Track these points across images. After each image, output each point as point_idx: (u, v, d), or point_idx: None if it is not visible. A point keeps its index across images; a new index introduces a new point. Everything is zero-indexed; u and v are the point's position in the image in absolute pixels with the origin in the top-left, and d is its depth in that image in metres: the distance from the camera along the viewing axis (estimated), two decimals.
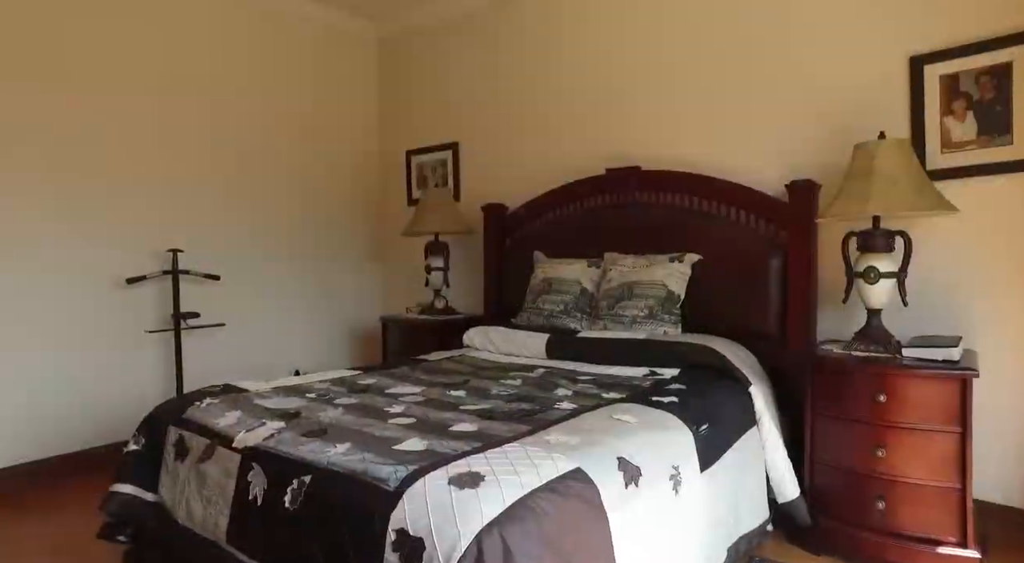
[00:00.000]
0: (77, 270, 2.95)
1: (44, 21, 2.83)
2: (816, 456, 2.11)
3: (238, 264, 3.56)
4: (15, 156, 2.76)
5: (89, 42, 2.97)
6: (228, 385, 2.10)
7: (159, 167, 3.23)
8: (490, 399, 1.91)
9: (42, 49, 2.83)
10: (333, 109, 4.04)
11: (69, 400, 2.94)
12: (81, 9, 2.95)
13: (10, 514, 2.54)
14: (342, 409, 1.79)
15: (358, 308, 4.23)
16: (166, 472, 1.81)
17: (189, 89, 3.34)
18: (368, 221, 4.28)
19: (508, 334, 2.83)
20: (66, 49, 2.90)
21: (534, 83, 3.48)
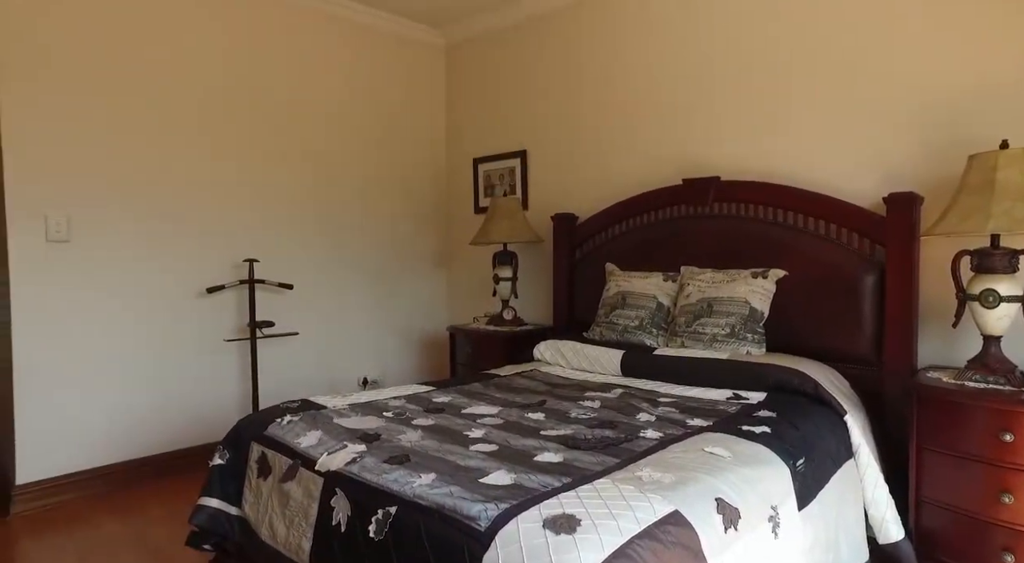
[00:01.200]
0: (163, 280, 3.06)
1: (128, 37, 2.95)
2: (923, 495, 1.94)
3: (310, 273, 3.62)
4: (109, 174, 2.88)
5: (168, 58, 3.08)
6: (306, 400, 2.11)
7: (237, 179, 3.31)
8: (571, 424, 1.84)
9: (127, 67, 2.94)
10: (402, 118, 4.07)
11: (156, 404, 3.05)
12: (159, 23, 3.05)
13: (105, 513, 2.65)
14: (421, 432, 1.76)
15: (426, 317, 4.24)
16: (249, 488, 1.83)
17: (264, 102, 3.41)
18: (436, 229, 4.29)
19: (581, 349, 2.75)
20: (148, 67, 3.01)
21: (605, 88, 3.39)
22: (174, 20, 3.07)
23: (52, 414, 2.75)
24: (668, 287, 2.82)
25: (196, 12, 3.14)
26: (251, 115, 3.36)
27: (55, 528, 2.53)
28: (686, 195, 2.93)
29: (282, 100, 3.48)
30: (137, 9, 2.95)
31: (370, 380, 3.92)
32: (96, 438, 2.87)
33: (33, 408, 2.71)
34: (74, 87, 2.78)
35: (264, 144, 3.42)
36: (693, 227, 2.91)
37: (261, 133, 3.40)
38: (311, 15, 3.59)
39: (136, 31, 2.95)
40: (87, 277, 2.83)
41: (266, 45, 3.41)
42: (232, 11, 3.27)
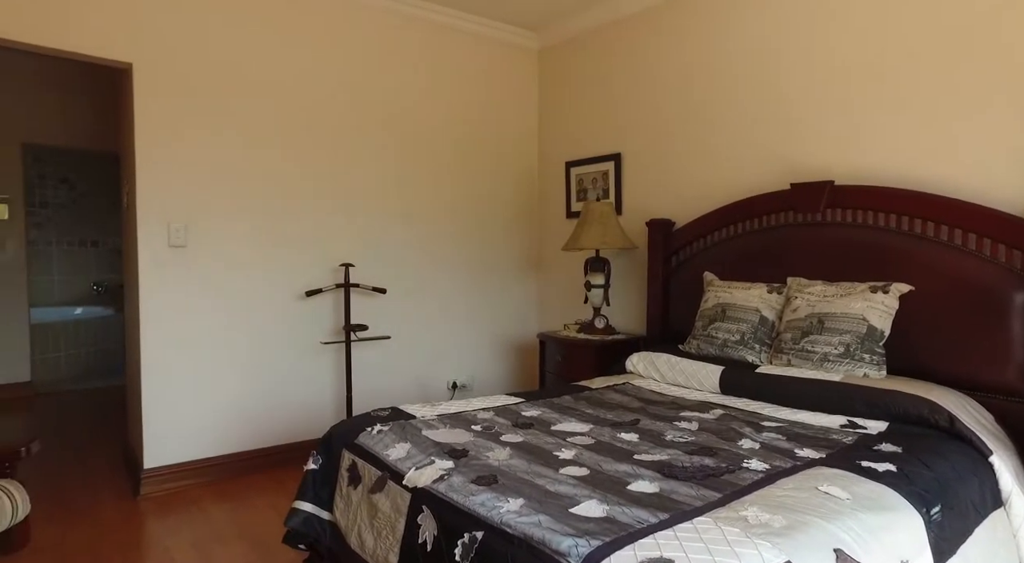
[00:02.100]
0: (266, 283, 3.21)
1: (241, 57, 3.11)
2: None
3: (404, 278, 3.69)
4: (221, 185, 3.06)
5: (277, 76, 3.22)
6: (396, 409, 2.13)
7: (336, 186, 3.42)
8: (666, 448, 1.73)
9: (241, 88, 3.11)
10: (495, 122, 4.06)
11: (260, 401, 3.21)
12: (271, 42, 3.19)
13: (215, 501, 2.82)
14: (509, 450, 1.71)
15: (516, 323, 4.22)
16: (340, 495, 1.86)
17: (364, 111, 3.51)
18: (527, 234, 4.26)
19: (676, 363, 2.62)
20: (260, 87, 3.16)
21: (705, 87, 3.21)
22: (284, 37, 3.21)
23: (172, 406, 2.96)
24: (773, 299, 2.62)
25: (304, 27, 3.27)
26: (351, 124, 3.46)
27: (174, 511, 2.72)
28: (795, 201, 2.71)
29: (381, 109, 3.56)
30: (250, 31, 3.11)
31: (460, 384, 3.94)
32: (208, 430, 3.06)
33: (156, 399, 2.92)
34: (197, 108, 2.96)
35: (359, 151, 3.51)
36: (802, 235, 2.69)
37: (358, 141, 3.50)
38: (408, 22, 3.65)
39: (249, 51, 3.11)
40: (201, 279, 3.02)
41: (365, 54, 3.51)
42: (333, 21, 3.38)
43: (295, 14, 3.25)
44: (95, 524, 2.61)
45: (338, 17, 3.39)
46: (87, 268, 6.49)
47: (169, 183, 2.92)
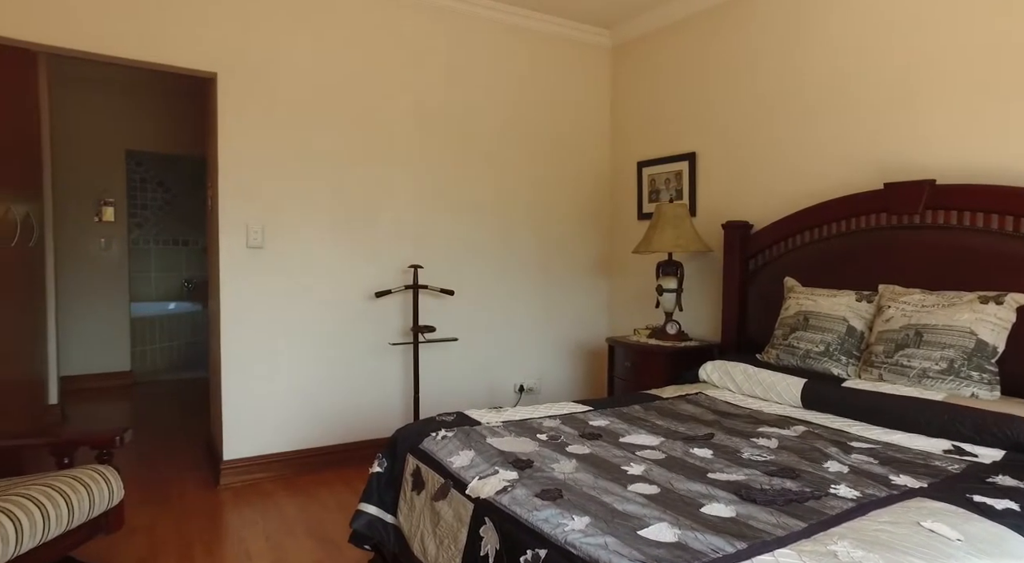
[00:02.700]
0: (338, 283, 3.29)
1: (317, 61, 3.19)
2: None
3: (471, 279, 3.69)
4: (296, 188, 3.16)
5: (350, 79, 3.29)
6: (461, 414, 2.11)
7: (405, 187, 3.46)
8: (743, 467, 1.62)
9: (317, 91, 3.19)
10: (566, 122, 4.00)
11: (330, 399, 3.29)
12: (346, 47, 3.26)
13: (287, 495, 2.91)
14: (575, 462, 1.65)
15: (584, 326, 4.14)
16: (404, 500, 1.85)
17: (436, 112, 3.53)
18: (597, 236, 4.17)
19: (754, 374, 2.48)
20: (335, 90, 3.24)
21: (786, 82, 3.03)
22: (358, 44, 3.28)
23: (249, 401, 3.08)
24: (862, 308, 2.43)
25: (376, 34, 3.32)
26: (422, 128, 3.49)
27: (249, 503, 2.82)
28: (889, 201, 2.50)
29: (452, 112, 3.58)
30: (326, 39, 3.19)
31: (526, 388, 3.90)
32: (282, 426, 3.16)
33: (235, 394, 3.05)
34: (274, 115, 3.07)
35: (430, 154, 3.53)
36: (896, 239, 2.48)
37: (429, 144, 3.52)
38: (480, 24, 3.65)
39: (324, 59, 3.19)
40: (276, 279, 3.13)
41: (436, 57, 3.53)
42: (404, 27, 3.42)
43: (367, 21, 3.31)
44: (181, 510, 2.75)
45: (409, 22, 3.43)
46: (179, 266, 6.92)
47: (248, 186, 3.04)
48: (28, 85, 3.77)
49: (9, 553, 1.74)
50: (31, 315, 3.79)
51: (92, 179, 5.20)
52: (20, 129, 3.61)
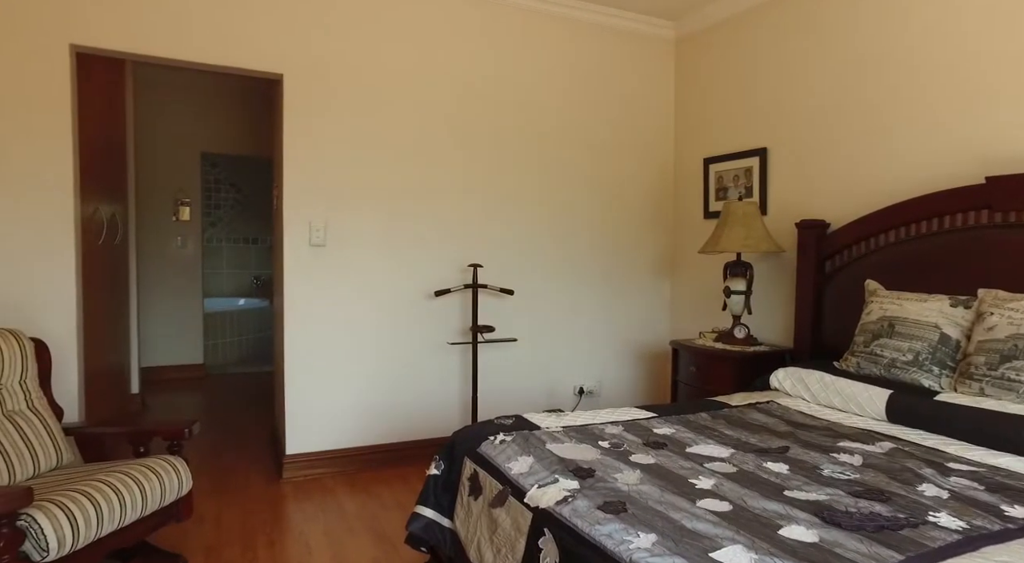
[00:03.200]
0: (398, 282, 3.30)
1: (381, 59, 3.21)
2: None
3: (531, 279, 3.64)
4: (358, 186, 3.19)
5: (413, 79, 3.29)
6: (520, 418, 2.06)
7: (467, 186, 3.44)
8: (824, 485, 1.49)
9: (380, 91, 3.21)
10: (629, 117, 3.89)
11: (389, 397, 3.31)
12: (409, 44, 3.27)
13: (347, 492, 2.94)
14: (639, 472, 1.57)
15: (646, 328, 4.02)
16: (460, 504, 1.82)
17: (496, 109, 3.49)
18: (660, 236, 4.04)
19: (831, 383, 2.31)
20: (396, 91, 3.25)
21: (868, 69, 2.82)
22: (421, 43, 3.28)
23: (310, 396, 3.13)
24: (958, 315, 2.23)
25: (439, 33, 3.32)
26: (482, 127, 3.46)
27: (310, 498, 2.87)
28: (992, 197, 2.28)
29: (512, 109, 3.53)
30: (389, 39, 3.21)
31: (586, 390, 3.82)
32: (342, 423, 3.20)
33: (297, 389, 3.10)
34: (338, 115, 3.11)
35: (490, 153, 3.50)
36: (1000, 238, 2.26)
37: (489, 143, 3.49)
38: (540, 19, 3.59)
39: (387, 58, 3.21)
40: (338, 277, 3.16)
41: (496, 55, 3.49)
42: (466, 21, 3.40)
43: (425, 18, 3.31)
44: (246, 501, 2.82)
45: (468, 18, 3.41)
46: (249, 263, 7.19)
47: (311, 185, 3.09)
48: (117, 93, 3.98)
49: (91, 535, 1.81)
50: (117, 309, 4.01)
51: (170, 180, 5.46)
52: (111, 135, 3.81)
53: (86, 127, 3.04)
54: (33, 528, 1.70)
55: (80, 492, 1.84)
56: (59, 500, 1.78)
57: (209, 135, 5.62)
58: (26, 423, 2.21)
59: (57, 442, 2.27)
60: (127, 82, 4.21)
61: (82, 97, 2.95)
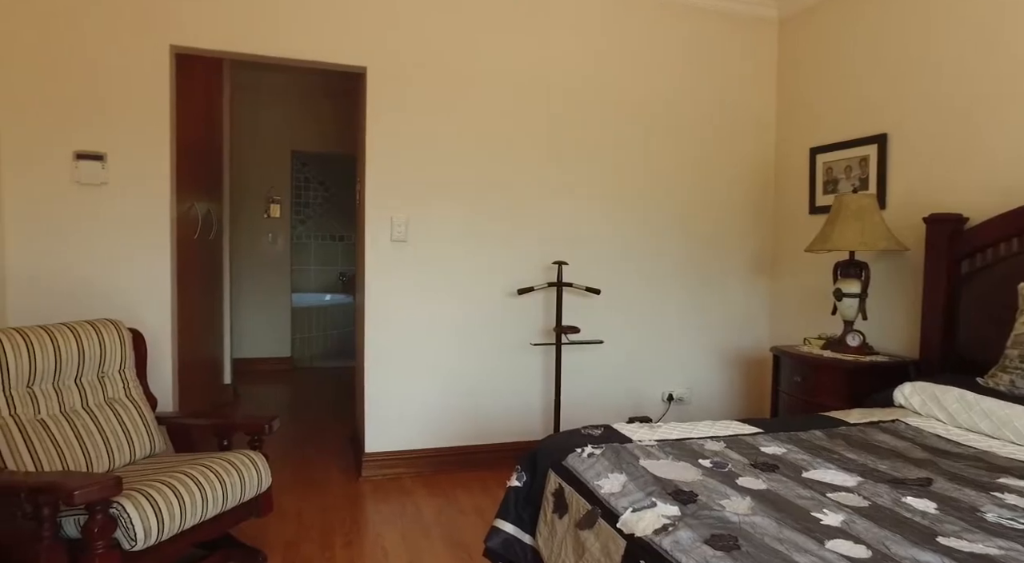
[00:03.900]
0: (480, 279, 3.20)
1: (464, 51, 3.12)
2: None
3: (619, 278, 3.44)
4: (440, 181, 3.11)
5: (496, 70, 3.18)
6: (609, 428, 1.89)
7: (554, 181, 3.30)
8: (992, 535, 1.22)
9: (463, 85, 3.12)
10: (726, 105, 3.61)
11: (468, 398, 3.22)
12: (485, 32, 3.16)
13: (424, 494, 2.87)
14: (750, 500, 1.37)
15: (742, 332, 3.72)
16: (544, 521, 1.67)
17: (586, 101, 3.32)
18: (758, 232, 3.73)
19: (976, 403, 1.99)
20: (480, 84, 3.15)
21: (1009, 40, 2.43)
22: (507, 32, 3.17)
23: (389, 394, 3.09)
24: None
25: (524, 23, 3.19)
26: (566, 120, 3.31)
27: (388, 499, 2.82)
28: None
29: (599, 101, 3.35)
30: (472, 29, 3.11)
31: (676, 397, 3.58)
32: (420, 422, 3.14)
33: (377, 386, 3.07)
34: (420, 108, 3.05)
35: (575, 147, 3.34)
36: None
37: (574, 137, 3.33)
38: (634, 1, 3.38)
39: (469, 49, 3.12)
40: (419, 273, 3.10)
41: (584, 43, 3.32)
42: (554, 8, 3.25)
43: (511, 6, 3.18)
44: (325, 498, 2.80)
45: (556, 4, 3.25)
46: (335, 260, 7.38)
47: (393, 180, 3.04)
48: (216, 95, 4.14)
49: (175, 528, 1.81)
50: (212, 302, 4.16)
51: (262, 178, 5.65)
52: (209, 135, 3.96)
53: (186, 127, 3.14)
54: (123, 517, 1.71)
55: (166, 484, 1.85)
56: (147, 491, 1.79)
57: (299, 134, 5.77)
58: (124, 411, 2.27)
59: (151, 431, 2.32)
60: (225, 85, 4.36)
61: (184, 99, 3.04)
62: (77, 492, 1.59)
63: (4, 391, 1.98)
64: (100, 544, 1.67)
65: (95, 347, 2.22)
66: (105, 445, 2.15)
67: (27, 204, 2.57)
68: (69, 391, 2.16)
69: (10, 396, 2.00)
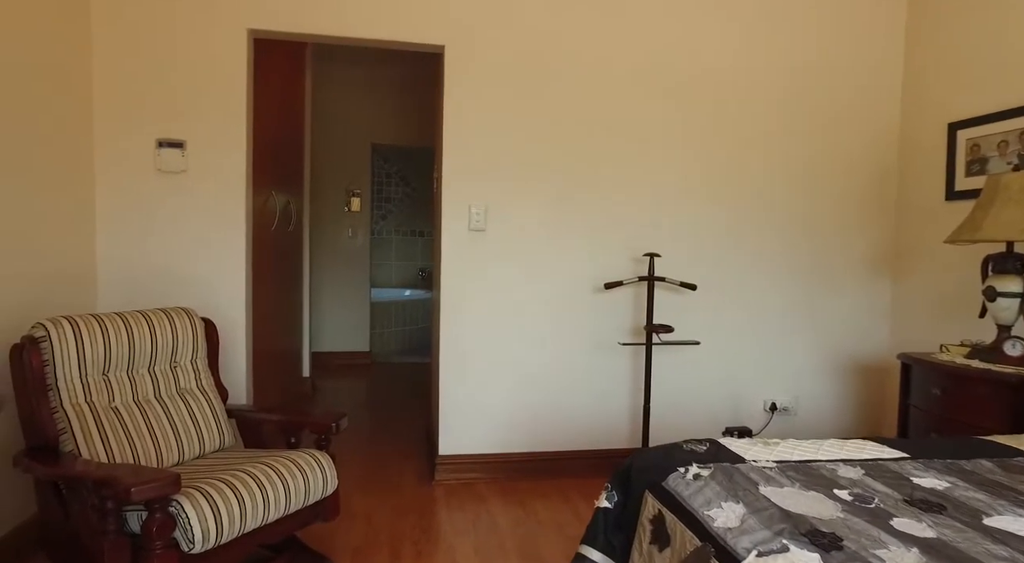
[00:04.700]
0: (563, 272, 2.96)
1: (549, 30, 2.88)
2: None
3: (718, 272, 3.10)
4: (519, 165, 2.90)
5: (586, 47, 2.92)
6: (715, 443, 1.60)
7: (638, 166, 3.01)
8: None
9: (547, 66, 2.89)
10: (840, 80, 3.18)
11: (547, 400, 2.98)
12: (572, 7, 2.90)
13: (499, 502, 2.67)
14: (917, 551, 1.05)
15: (857, 336, 3.27)
16: (639, 552, 1.41)
17: (670, 79, 3.01)
18: (879, 222, 3.27)
19: None
20: (554, 57, 2.90)
21: None
22: (598, 4, 2.91)
23: (465, 394, 2.90)
24: None
25: None
26: (658, 98, 3.00)
27: (461, 506, 2.63)
28: None
29: (692, 76, 3.02)
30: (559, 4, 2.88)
31: (780, 407, 3.19)
32: (496, 425, 2.93)
33: (452, 386, 2.90)
34: (500, 89, 2.85)
35: (666, 128, 3.02)
36: None
37: (665, 116, 3.02)
38: None
39: (555, 26, 2.88)
40: (498, 265, 2.90)
41: (687, 11, 3.00)
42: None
43: None
44: (396, 502, 2.65)
45: None
46: (415, 255, 7.35)
47: (472, 165, 2.85)
48: (296, 83, 4.12)
49: (235, 531, 1.70)
50: (290, 294, 4.15)
51: (342, 171, 5.65)
52: (290, 124, 3.94)
53: (265, 116, 3.09)
54: (181, 516, 1.61)
55: (227, 483, 1.74)
56: (207, 490, 1.68)
57: (379, 127, 5.74)
58: (195, 402, 2.20)
59: (220, 424, 2.24)
60: (306, 75, 4.35)
61: (263, 87, 2.99)
62: (134, 489, 1.50)
63: (81, 377, 1.94)
64: (159, 544, 1.57)
65: (167, 335, 2.16)
66: (175, 437, 2.08)
67: (115, 193, 2.58)
68: (142, 380, 2.11)
69: (86, 383, 1.95)
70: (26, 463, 1.76)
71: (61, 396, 1.87)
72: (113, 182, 2.57)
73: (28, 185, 2.17)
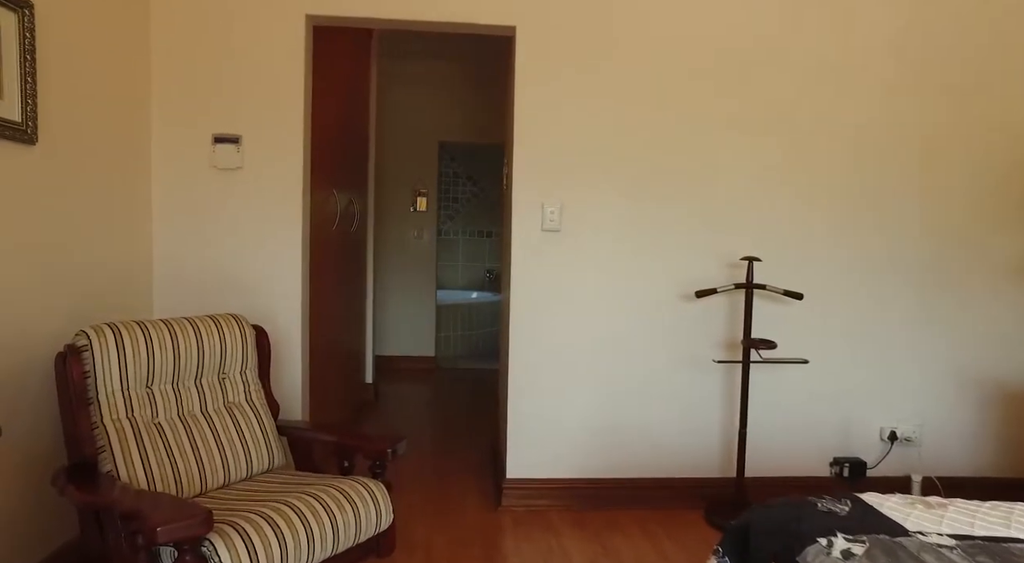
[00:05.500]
0: (646, 277, 2.64)
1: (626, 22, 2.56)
2: None
3: (827, 280, 2.69)
4: (598, 157, 2.59)
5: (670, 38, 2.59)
6: (860, 503, 1.25)
7: (733, 161, 2.64)
8: None
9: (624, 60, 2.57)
10: (983, 54, 2.69)
11: (628, 420, 2.66)
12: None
13: (569, 534, 2.38)
14: None
15: (999, 355, 2.78)
16: None
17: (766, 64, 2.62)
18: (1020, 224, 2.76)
19: None
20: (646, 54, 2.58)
21: None
22: None
23: (535, 411, 2.63)
24: None
25: None
26: (755, 84, 2.62)
27: (531, 537, 2.36)
28: None
29: (792, 60, 2.63)
30: None
31: (900, 436, 2.74)
32: (570, 447, 2.64)
33: (521, 403, 2.63)
34: (575, 76, 2.56)
35: (763, 119, 2.64)
36: None
37: (762, 104, 2.63)
38: None
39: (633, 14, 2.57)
40: (574, 269, 2.61)
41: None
42: None
43: None
44: (459, 531, 2.40)
45: None
46: (483, 256, 7.14)
47: (545, 160, 2.57)
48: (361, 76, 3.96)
49: None
50: (352, 296, 3.99)
51: (409, 170, 5.48)
52: (353, 119, 3.78)
53: (326, 110, 2.92)
54: (214, 559, 1.41)
55: (266, 518, 1.53)
56: (242, 526, 1.48)
57: (446, 125, 5.55)
58: (243, 418, 2.03)
59: (270, 441, 2.06)
60: (372, 68, 4.20)
61: (323, 79, 2.81)
62: (160, 529, 1.31)
63: (123, 390, 1.80)
64: None
65: (215, 344, 2.00)
66: (221, 456, 1.91)
67: (170, 192, 2.46)
68: (188, 393, 1.95)
69: (128, 396, 1.81)
70: (61, 484, 1.62)
71: (101, 410, 1.73)
72: (169, 179, 2.45)
73: (86, 184, 2.06)
